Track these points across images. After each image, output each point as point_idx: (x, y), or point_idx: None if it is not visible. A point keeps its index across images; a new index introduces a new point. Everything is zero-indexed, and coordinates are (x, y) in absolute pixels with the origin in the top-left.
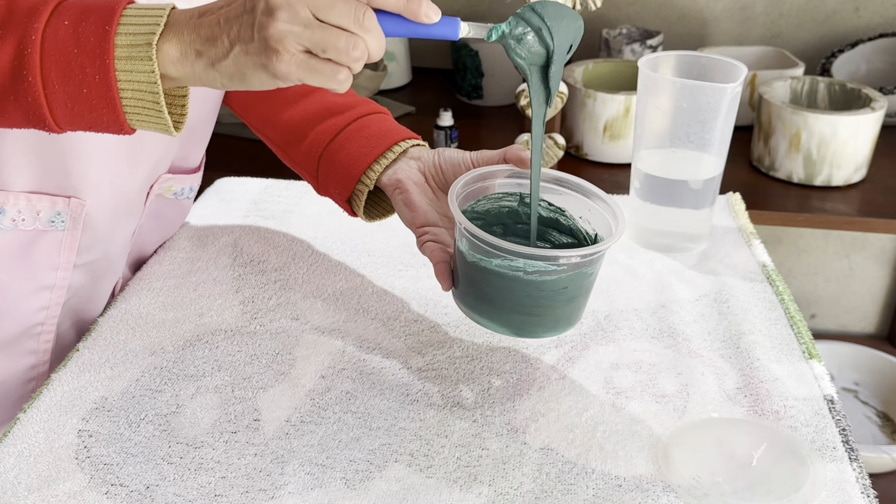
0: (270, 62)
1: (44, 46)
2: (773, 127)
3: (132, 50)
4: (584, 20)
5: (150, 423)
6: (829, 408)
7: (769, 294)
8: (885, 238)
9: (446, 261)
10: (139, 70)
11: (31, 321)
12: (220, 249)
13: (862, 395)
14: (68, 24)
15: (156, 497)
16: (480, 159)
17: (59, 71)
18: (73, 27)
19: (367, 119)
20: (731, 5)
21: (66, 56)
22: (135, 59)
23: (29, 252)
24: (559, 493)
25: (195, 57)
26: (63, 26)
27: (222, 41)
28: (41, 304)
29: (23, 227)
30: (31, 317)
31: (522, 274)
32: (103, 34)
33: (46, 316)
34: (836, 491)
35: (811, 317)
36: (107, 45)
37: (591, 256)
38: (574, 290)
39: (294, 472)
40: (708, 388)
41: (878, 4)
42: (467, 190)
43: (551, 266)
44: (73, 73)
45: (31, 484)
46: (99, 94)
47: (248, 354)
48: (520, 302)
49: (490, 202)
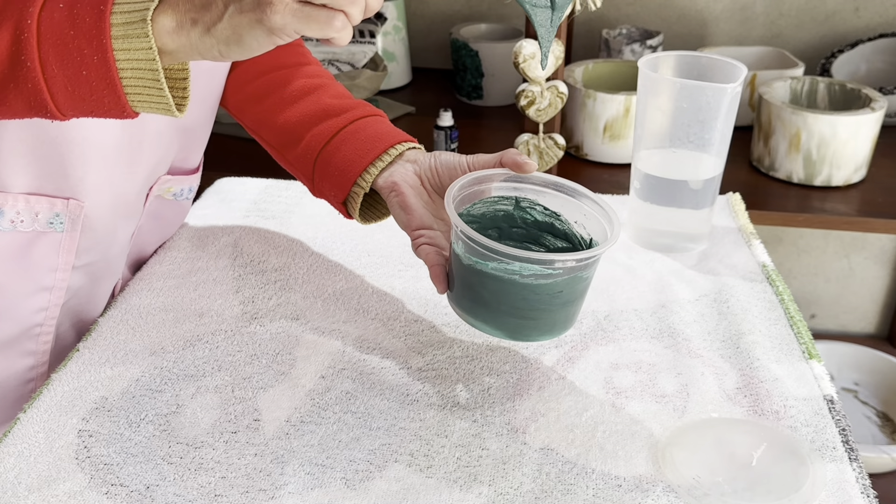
0: (265, 15)
1: (40, 30)
2: (772, 127)
3: (128, 28)
4: (584, 21)
5: (150, 423)
6: (829, 408)
7: (769, 294)
8: (885, 238)
9: (441, 264)
10: (136, 48)
11: (30, 322)
12: (220, 250)
13: (862, 395)
14: (63, 6)
15: (156, 497)
16: (476, 163)
17: (57, 54)
18: (69, 9)
19: (364, 122)
20: (731, 5)
21: (63, 39)
22: (131, 37)
23: (27, 253)
24: (559, 493)
25: (191, 25)
26: (58, 9)
27: (216, 4)
28: (40, 306)
29: (21, 228)
30: (29, 318)
31: (518, 277)
32: (98, 14)
33: (45, 317)
34: (835, 491)
35: (811, 317)
36: (102, 24)
37: (586, 261)
38: (569, 294)
39: (294, 472)
40: (708, 388)
41: (878, 4)
42: (463, 193)
43: (547, 270)
44: (72, 55)
45: (31, 484)
46: (98, 75)
47: (248, 354)
48: (515, 305)
49: (486, 205)
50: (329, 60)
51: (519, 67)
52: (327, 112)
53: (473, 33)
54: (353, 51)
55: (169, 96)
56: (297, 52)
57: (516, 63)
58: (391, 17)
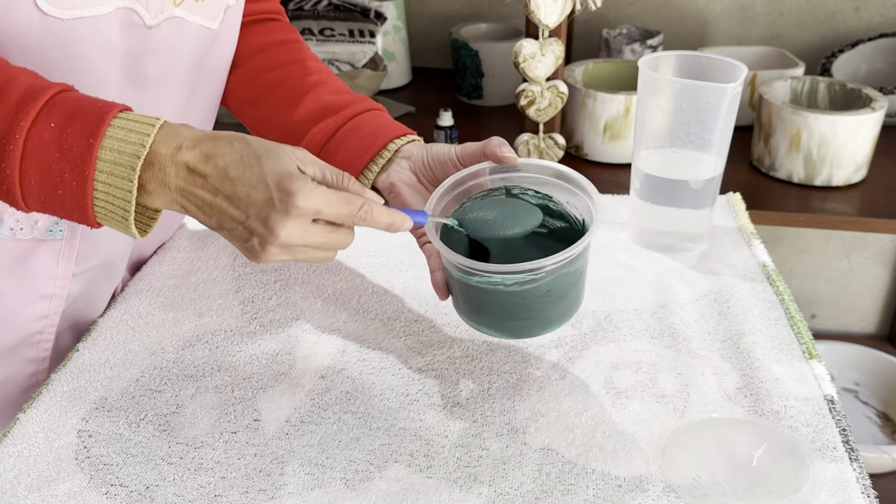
0: (255, 258)
1: (26, 146)
2: (773, 127)
3: (114, 167)
4: (584, 20)
5: (149, 424)
6: (830, 408)
7: (769, 294)
8: (886, 238)
9: (441, 269)
10: (117, 186)
11: (29, 330)
12: (219, 249)
13: (862, 395)
14: (54, 126)
15: (156, 497)
16: (464, 153)
17: (38, 170)
18: (59, 131)
19: (361, 118)
20: (731, 5)
21: (48, 159)
22: (115, 177)
23: (27, 261)
24: (559, 494)
25: (179, 208)
26: (49, 129)
27: (210, 224)
28: (40, 314)
29: (20, 236)
30: (29, 326)
31: (503, 287)
32: (87, 146)
33: (45, 325)
34: (836, 491)
35: (811, 317)
36: (89, 157)
37: (565, 260)
38: (559, 290)
39: (294, 472)
40: (708, 388)
41: (879, 4)
42: (447, 198)
43: (529, 276)
44: (52, 174)
45: (30, 484)
46: (73, 197)
47: (248, 354)
48: (507, 311)
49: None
50: (329, 60)
51: (519, 67)
52: (325, 110)
53: (473, 33)
54: (352, 50)
55: (135, 232)
56: (296, 49)
57: (516, 63)
58: (391, 17)
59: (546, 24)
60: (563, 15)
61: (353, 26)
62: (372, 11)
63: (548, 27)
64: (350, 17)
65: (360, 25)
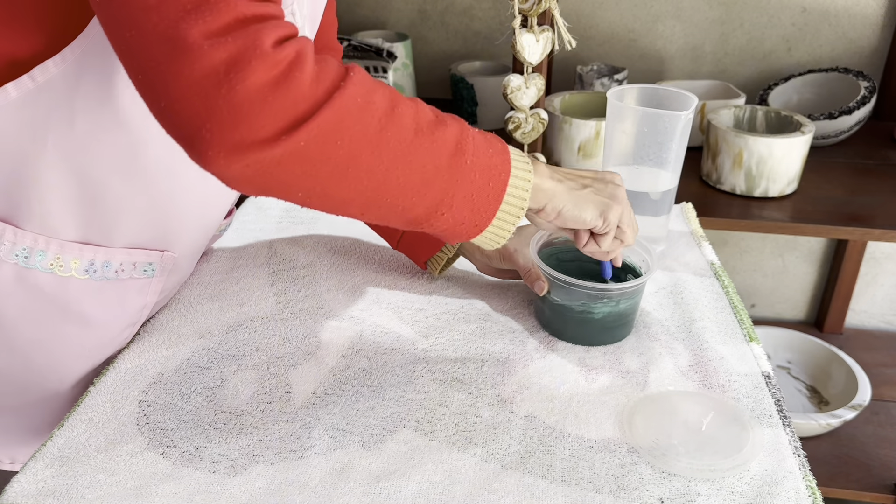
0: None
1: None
2: (719, 147)
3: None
4: (562, 58)
5: (199, 395)
6: (766, 382)
7: (716, 287)
8: (814, 240)
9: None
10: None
11: (117, 348)
12: (257, 250)
13: (793, 371)
14: (478, 133)
15: (203, 456)
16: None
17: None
18: (482, 135)
19: None
20: (685, 46)
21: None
22: (522, 162)
23: (124, 296)
24: (540, 454)
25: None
26: (478, 133)
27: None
28: (126, 337)
29: (122, 276)
30: (118, 345)
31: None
32: (502, 147)
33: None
34: (772, 451)
35: (751, 306)
36: (505, 154)
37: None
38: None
39: (319, 435)
40: (665, 365)
41: (808, 45)
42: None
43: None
44: (490, 167)
45: (99, 445)
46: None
47: (281, 337)
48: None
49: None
50: None
51: (507, 97)
52: None
53: (469, 69)
54: None
55: (512, 230)
56: None
57: (505, 94)
58: (401, 56)
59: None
60: (544, 54)
61: (368, 63)
62: (385, 51)
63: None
64: (366, 55)
65: (375, 63)
